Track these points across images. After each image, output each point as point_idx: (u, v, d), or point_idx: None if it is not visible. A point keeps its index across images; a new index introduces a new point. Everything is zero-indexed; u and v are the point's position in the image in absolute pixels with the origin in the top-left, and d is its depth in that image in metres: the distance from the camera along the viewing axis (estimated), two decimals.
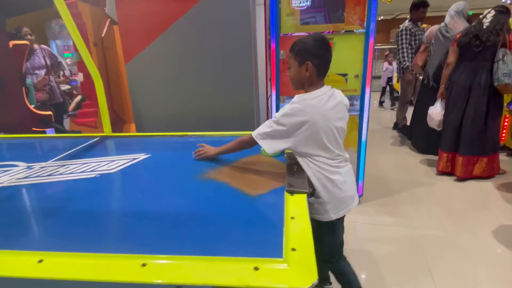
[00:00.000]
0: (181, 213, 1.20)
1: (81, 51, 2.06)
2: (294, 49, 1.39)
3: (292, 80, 1.46)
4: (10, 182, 1.50)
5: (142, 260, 0.89)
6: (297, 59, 1.38)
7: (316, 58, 1.36)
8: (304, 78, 1.40)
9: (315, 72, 1.38)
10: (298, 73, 1.40)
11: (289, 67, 1.44)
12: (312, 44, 1.35)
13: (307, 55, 1.36)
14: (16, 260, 0.92)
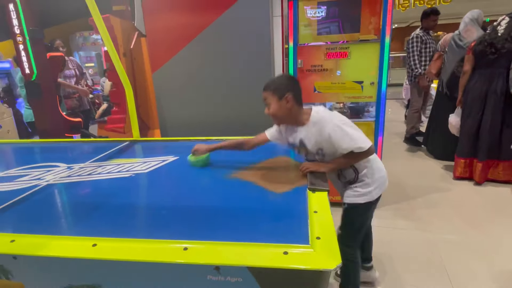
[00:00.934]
0: (213, 207, 1.32)
1: (115, 62, 2.23)
2: (270, 88, 1.53)
3: (274, 115, 1.56)
4: (55, 180, 1.66)
5: (183, 245, 1.01)
6: (276, 95, 1.51)
7: (292, 91, 1.51)
8: (287, 110, 1.53)
9: (295, 102, 1.52)
10: (280, 107, 1.52)
11: (268, 103, 1.55)
12: (286, 80, 1.57)
13: (284, 89, 1.51)
14: (74, 244, 1.05)
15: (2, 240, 1.09)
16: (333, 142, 1.49)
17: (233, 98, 2.94)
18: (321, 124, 1.51)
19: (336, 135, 1.48)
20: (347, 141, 1.47)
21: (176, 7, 2.77)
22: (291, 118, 1.57)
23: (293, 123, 1.61)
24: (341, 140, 1.48)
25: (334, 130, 1.48)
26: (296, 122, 1.59)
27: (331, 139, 1.49)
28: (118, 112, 3.33)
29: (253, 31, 2.76)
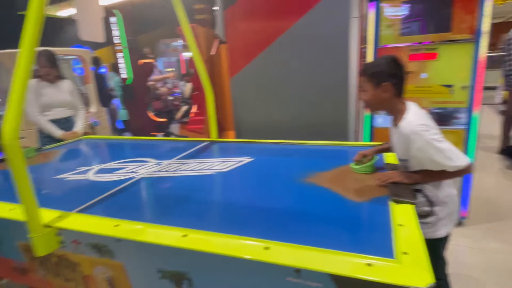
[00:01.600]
0: (291, 210, 1.33)
1: (199, 68, 2.41)
2: (367, 72, 1.38)
3: (368, 102, 1.44)
4: (147, 174, 1.86)
5: (265, 244, 1.04)
6: (372, 82, 1.37)
7: (393, 78, 1.35)
8: (383, 100, 1.38)
9: (393, 93, 1.36)
10: (375, 95, 1.38)
11: (363, 90, 1.44)
12: (388, 65, 1.35)
13: (383, 76, 1.34)
14: (167, 233, 1.17)
15: (108, 224, 1.26)
16: (423, 159, 1.34)
17: (308, 101, 2.93)
18: (409, 138, 1.34)
19: (427, 153, 1.31)
20: (441, 159, 1.30)
21: (256, 14, 2.88)
22: (387, 109, 1.44)
23: (389, 113, 1.46)
24: (434, 158, 1.31)
25: (425, 148, 1.31)
26: (392, 114, 1.44)
27: (420, 157, 1.34)
28: (198, 114, 3.59)
29: (332, 34, 2.72)
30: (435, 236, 1.48)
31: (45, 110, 2.82)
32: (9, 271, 1.67)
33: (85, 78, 4.88)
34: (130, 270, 1.25)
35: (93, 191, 1.65)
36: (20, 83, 1.19)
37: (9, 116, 1.17)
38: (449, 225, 1.49)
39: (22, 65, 1.19)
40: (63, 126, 2.90)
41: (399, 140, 1.42)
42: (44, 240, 1.27)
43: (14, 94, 1.19)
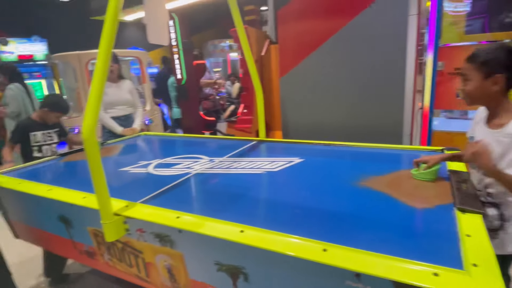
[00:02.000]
0: (348, 214, 1.31)
1: (250, 68, 2.45)
2: (477, 60, 1.23)
3: (469, 94, 1.29)
4: (201, 170, 1.94)
5: (323, 246, 1.04)
6: (482, 71, 1.22)
7: (508, 71, 1.19)
8: (489, 93, 1.23)
9: (504, 87, 1.21)
10: (481, 87, 1.24)
11: (465, 79, 1.29)
12: (505, 55, 1.19)
13: (497, 67, 1.19)
14: (223, 228, 1.21)
15: (170, 216, 1.34)
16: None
17: (360, 102, 2.86)
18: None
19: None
20: None
21: (309, 13, 2.86)
22: (490, 104, 1.27)
23: (489, 109, 1.29)
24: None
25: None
26: (493, 113, 1.27)
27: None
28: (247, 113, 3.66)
29: (387, 33, 2.62)
30: (504, 252, 1.35)
31: (108, 108, 3.06)
32: (78, 254, 1.84)
33: (142, 78, 5.21)
34: (189, 260, 1.32)
35: (154, 183, 1.76)
36: (98, 84, 1.31)
37: (87, 113, 1.30)
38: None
39: (100, 67, 1.31)
40: (123, 123, 3.13)
41: (498, 139, 1.24)
42: (113, 227, 1.38)
43: (93, 93, 1.31)
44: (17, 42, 7.27)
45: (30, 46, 7.45)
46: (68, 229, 1.76)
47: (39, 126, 2.62)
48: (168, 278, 1.45)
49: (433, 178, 1.52)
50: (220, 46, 11.06)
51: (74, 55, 4.42)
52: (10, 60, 7.25)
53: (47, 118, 2.62)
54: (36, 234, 2.02)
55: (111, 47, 1.34)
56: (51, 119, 2.63)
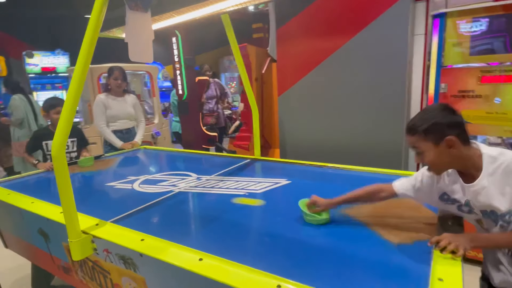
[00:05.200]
0: (316, 245, 1.23)
1: (246, 86, 2.44)
2: (418, 130, 1.12)
3: (433, 164, 1.16)
4: (185, 188, 1.91)
5: (277, 281, 0.97)
6: (430, 139, 1.11)
7: (454, 129, 1.09)
8: (451, 157, 1.11)
9: (461, 144, 1.10)
10: (439, 154, 1.11)
11: (418, 152, 1.17)
12: (441, 115, 1.10)
13: (442, 130, 1.09)
14: (182, 255, 1.16)
15: (135, 238, 1.30)
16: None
17: (358, 123, 2.77)
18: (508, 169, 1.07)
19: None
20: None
21: (307, 33, 2.84)
22: (459, 165, 1.16)
23: (462, 170, 1.17)
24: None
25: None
26: (468, 168, 1.15)
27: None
28: (245, 131, 3.64)
29: (388, 53, 2.55)
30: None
31: (111, 121, 3.11)
32: (56, 268, 1.83)
33: (152, 91, 5.32)
34: (151, 285, 1.27)
35: (134, 201, 1.74)
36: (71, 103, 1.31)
37: (58, 131, 1.30)
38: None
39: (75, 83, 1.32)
40: (125, 136, 3.16)
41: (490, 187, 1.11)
42: (79, 245, 1.36)
43: (66, 110, 1.31)
44: (42, 55, 7.66)
45: (53, 59, 7.82)
46: (46, 242, 1.75)
47: (52, 135, 2.64)
48: None
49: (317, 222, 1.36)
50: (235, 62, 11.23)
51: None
52: (34, 72, 7.64)
53: (53, 121, 2.65)
54: (22, 245, 2.04)
55: (88, 62, 1.36)
56: (55, 120, 2.61)
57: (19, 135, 4.27)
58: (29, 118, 4.23)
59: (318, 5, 2.77)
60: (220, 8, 1.87)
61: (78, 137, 2.80)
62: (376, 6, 2.54)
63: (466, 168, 1.15)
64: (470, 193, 1.15)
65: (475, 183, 1.13)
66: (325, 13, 2.76)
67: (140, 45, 1.60)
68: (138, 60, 1.59)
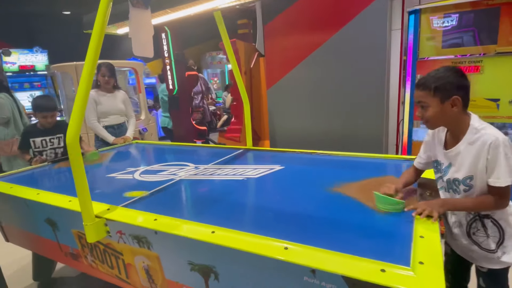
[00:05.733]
0: (314, 216, 1.39)
1: (238, 80, 2.56)
2: (430, 86, 1.23)
3: (431, 119, 1.29)
4: (186, 177, 2.02)
5: (284, 244, 1.11)
6: (437, 96, 1.23)
7: (461, 90, 1.23)
8: (450, 115, 1.25)
9: (462, 106, 1.24)
10: (441, 111, 1.25)
11: (423, 106, 1.29)
12: (454, 76, 1.23)
13: (451, 89, 1.21)
14: (196, 229, 1.29)
15: (148, 218, 1.41)
16: (493, 171, 1.19)
17: (343, 113, 2.96)
18: (488, 147, 1.19)
19: (501, 163, 1.17)
20: (509, 175, 1.17)
21: (294, 28, 3.00)
22: (451, 124, 1.30)
23: (450, 130, 1.34)
24: (504, 172, 1.17)
25: (502, 155, 1.17)
26: (455, 130, 1.30)
27: (492, 166, 1.19)
28: (236, 123, 3.76)
29: (370, 47, 2.74)
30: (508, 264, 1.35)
31: (102, 117, 3.15)
32: (63, 256, 1.91)
33: (137, 88, 5.33)
34: (165, 261, 1.39)
35: (137, 189, 1.84)
36: (83, 94, 1.40)
37: (72, 121, 1.39)
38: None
39: (85, 78, 1.41)
40: (116, 131, 3.22)
41: (466, 154, 1.26)
42: (94, 228, 1.45)
43: (77, 103, 1.40)
44: (19, 53, 7.44)
45: (31, 56, 7.61)
46: (54, 231, 1.83)
47: (39, 132, 2.66)
48: (146, 279, 1.51)
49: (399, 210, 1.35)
50: (218, 57, 11.25)
51: (71, 66, 4.55)
52: (12, 70, 7.41)
53: (40, 121, 2.66)
54: (26, 236, 2.09)
55: (97, 59, 1.44)
56: (42, 121, 2.64)
57: (5, 133, 4.19)
58: (16, 117, 4.16)
59: (303, 3, 2.93)
60: (214, 6, 1.98)
61: (65, 133, 2.81)
62: (357, 3, 2.72)
63: (455, 130, 1.30)
64: (447, 157, 1.34)
65: (453, 149, 1.30)
66: (310, 10, 2.92)
67: (142, 40, 1.70)
68: (141, 55, 1.69)
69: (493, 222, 1.31)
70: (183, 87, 3.73)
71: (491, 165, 1.20)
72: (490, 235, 1.31)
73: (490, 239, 1.32)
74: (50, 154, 2.70)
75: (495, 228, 1.31)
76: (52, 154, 2.71)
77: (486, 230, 1.32)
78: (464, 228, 1.37)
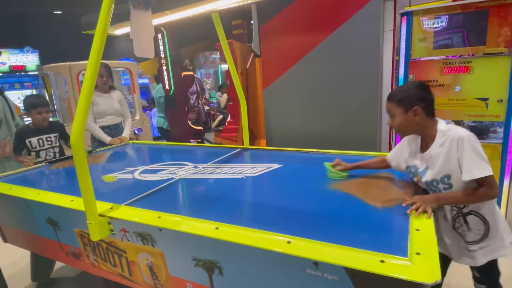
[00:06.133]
0: (314, 212, 1.44)
1: (235, 80, 2.59)
2: (395, 98, 1.42)
3: (398, 127, 1.46)
4: (185, 176, 2.05)
5: (287, 239, 1.16)
6: (401, 107, 1.40)
7: (422, 101, 1.38)
8: (415, 124, 1.41)
9: (424, 115, 1.39)
10: (405, 120, 1.41)
11: (391, 115, 1.47)
12: (415, 90, 1.39)
13: (412, 100, 1.38)
14: (200, 226, 1.32)
15: (152, 216, 1.44)
16: (463, 166, 1.29)
17: (338, 112, 3.02)
18: (456, 144, 1.31)
19: (469, 157, 1.27)
20: (481, 166, 1.26)
21: (290, 29, 3.05)
22: (419, 131, 1.46)
23: (422, 136, 1.48)
24: (473, 165, 1.27)
25: (469, 150, 1.27)
26: (425, 136, 1.45)
27: (462, 162, 1.29)
28: (232, 123, 3.80)
29: (363, 48, 2.80)
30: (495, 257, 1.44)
31: (98, 118, 3.15)
32: (64, 256, 1.92)
33: (132, 88, 5.33)
34: (169, 258, 1.42)
35: (138, 188, 1.86)
36: (87, 93, 1.42)
37: (76, 121, 1.41)
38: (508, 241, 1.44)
39: (89, 78, 1.43)
40: (113, 131, 3.22)
41: (439, 156, 1.38)
42: (98, 227, 1.47)
43: (81, 103, 1.42)
44: (10, 53, 7.36)
45: (22, 56, 7.54)
46: (55, 231, 1.84)
47: (34, 132, 2.66)
48: (149, 276, 1.54)
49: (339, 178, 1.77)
50: (211, 58, 11.28)
51: (65, 66, 4.53)
52: (2, 70, 7.33)
53: (34, 120, 2.65)
54: (25, 237, 2.09)
55: (100, 59, 1.46)
56: (36, 119, 2.63)
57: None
58: (8, 118, 4.14)
59: (298, 4, 2.98)
60: (214, 7, 2.01)
61: (60, 132, 2.82)
62: (351, 5, 2.79)
63: (425, 136, 1.45)
64: (423, 161, 1.45)
65: (426, 152, 1.44)
66: (305, 11, 2.97)
67: (143, 41, 1.72)
68: (142, 55, 1.71)
69: (478, 216, 1.40)
70: (179, 87, 3.76)
71: (463, 160, 1.30)
72: (471, 228, 1.41)
73: (472, 231, 1.42)
74: (49, 153, 2.71)
75: (480, 223, 1.40)
76: (51, 153, 2.71)
77: (468, 225, 1.42)
78: (449, 222, 1.47)
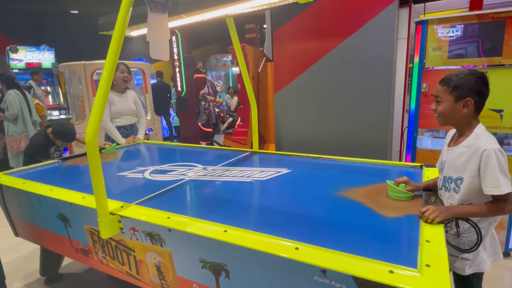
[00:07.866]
0: (322, 218, 1.44)
1: (246, 83, 2.61)
2: (450, 83, 1.33)
3: (441, 114, 1.39)
4: (195, 177, 2.07)
5: (295, 245, 1.16)
6: (453, 94, 1.32)
7: (477, 96, 1.31)
8: (460, 115, 1.34)
9: (473, 110, 1.32)
10: (452, 108, 1.34)
11: (438, 101, 1.39)
12: (474, 81, 1.30)
13: (467, 91, 1.30)
14: (209, 228, 1.33)
15: (162, 216, 1.46)
16: (486, 179, 1.25)
17: (348, 119, 3.01)
18: (481, 155, 1.26)
19: (494, 171, 1.22)
20: (502, 181, 1.22)
21: (303, 35, 3.06)
22: (460, 125, 1.38)
23: (458, 130, 1.41)
24: (500, 180, 1.22)
25: (495, 164, 1.22)
26: (461, 132, 1.38)
27: (484, 174, 1.25)
28: (242, 126, 3.82)
29: (377, 55, 2.79)
30: (480, 270, 1.41)
31: (114, 118, 3.18)
32: (74, 252, 1.95)
33: (144, 88, 5.39)
34: (176, 258, 1.43)
35: (148, 188, 1.88)
36: (103, 93, 1.45)
37: (91, 120, 1.44)
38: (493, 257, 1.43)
39: (106, 78, 1.46)
40: (128, 132, 3.25)
41: (461, 156, 1.35)
42: (109, 225, 1.50)
43: (97, 102, 1.45)
44: (27, 50, 7.52)
45: (38, 54, 7.69)
46: (66, 227, 1.87)
47: (52, 143, 3.16)
48: (157, 275, 1.56)
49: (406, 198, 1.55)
50: (222, 60, 11.35)
51: (80, 65, 4.61)
52: (19, 67, 7.49)
53: (55, 141, 3.12)
54: (36, 231, 2.13)
55: (117, 59, 1.49)
56: (58, 143, 3.14)
57: (13, 130, 4.28)
58: (24, 114, 4.28)
59: (312, 11, 2.99)
60: (229, 12, 2.03)
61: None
62: (366, 12, 2.78)
63: (461, 131, 1.39)
64: (448, 154, 1.43)
65: (454, 148, 1.40)
66: (319, 17, 2.98)
67: (159, 44, 1.75)
68: (157, 58, 1.74)
69: (474, 228, 1.37)
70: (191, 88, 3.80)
71: (486, 173, 1.26)
72: (460, 233, 1.39)
73: (460, 238, 1.39)
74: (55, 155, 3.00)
75: (472, 231, 1.37)
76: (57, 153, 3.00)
77: (458, 229, 1.39)
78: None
